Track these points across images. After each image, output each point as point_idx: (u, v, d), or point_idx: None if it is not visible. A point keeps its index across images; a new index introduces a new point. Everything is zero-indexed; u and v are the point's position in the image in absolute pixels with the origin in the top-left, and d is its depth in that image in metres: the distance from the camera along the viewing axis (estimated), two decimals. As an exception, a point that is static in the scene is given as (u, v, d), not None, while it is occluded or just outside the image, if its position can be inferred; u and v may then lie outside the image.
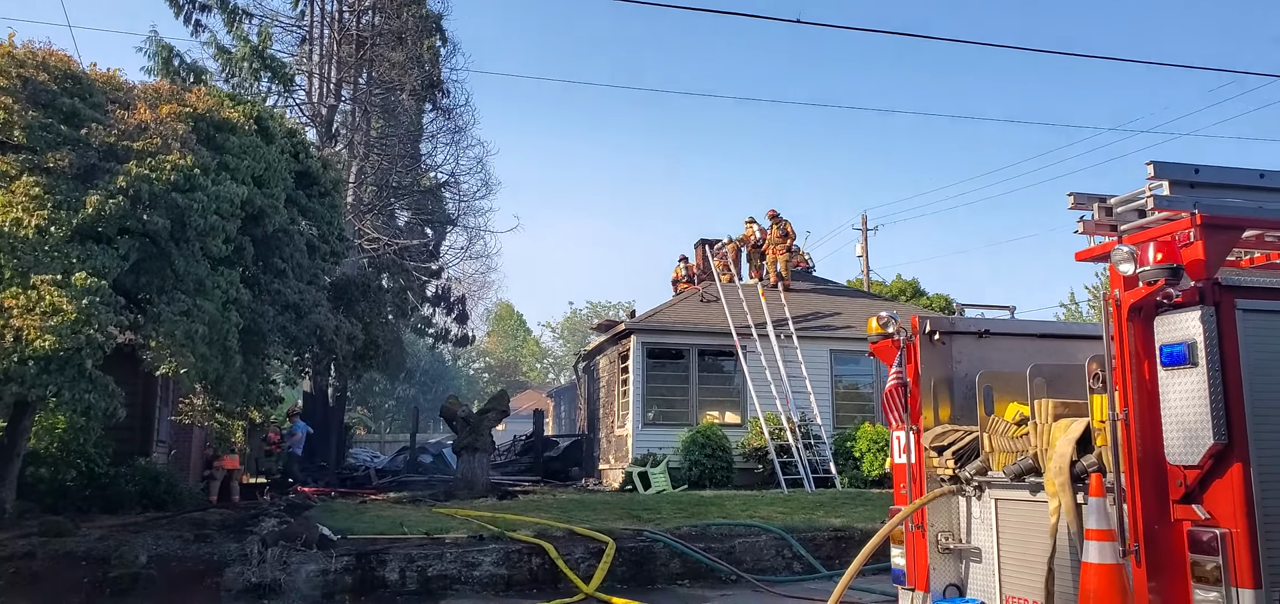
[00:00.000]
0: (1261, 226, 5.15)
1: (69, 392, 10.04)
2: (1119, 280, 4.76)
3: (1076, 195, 5.29)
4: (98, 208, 10.46)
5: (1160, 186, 4.75)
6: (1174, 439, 4.55)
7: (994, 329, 6.93)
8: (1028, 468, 5.61)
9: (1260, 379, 4.45)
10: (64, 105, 11.22)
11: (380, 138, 30.27)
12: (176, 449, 19.08)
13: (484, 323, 60.93)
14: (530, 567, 10.78)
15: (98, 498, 14.38)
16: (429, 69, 30.73)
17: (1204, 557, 4.40)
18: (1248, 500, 4.33)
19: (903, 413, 6.60)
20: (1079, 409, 5.34)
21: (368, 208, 29.23)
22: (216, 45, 28.19)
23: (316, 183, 16.34)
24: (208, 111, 12.82)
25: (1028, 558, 5.63)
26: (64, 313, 9.69)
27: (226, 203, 11.94)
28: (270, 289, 13.77)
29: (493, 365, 78.58)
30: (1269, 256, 5.72)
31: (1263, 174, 5.00)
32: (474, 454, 19.64)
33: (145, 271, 11.51)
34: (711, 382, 22.26)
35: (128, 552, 10.24)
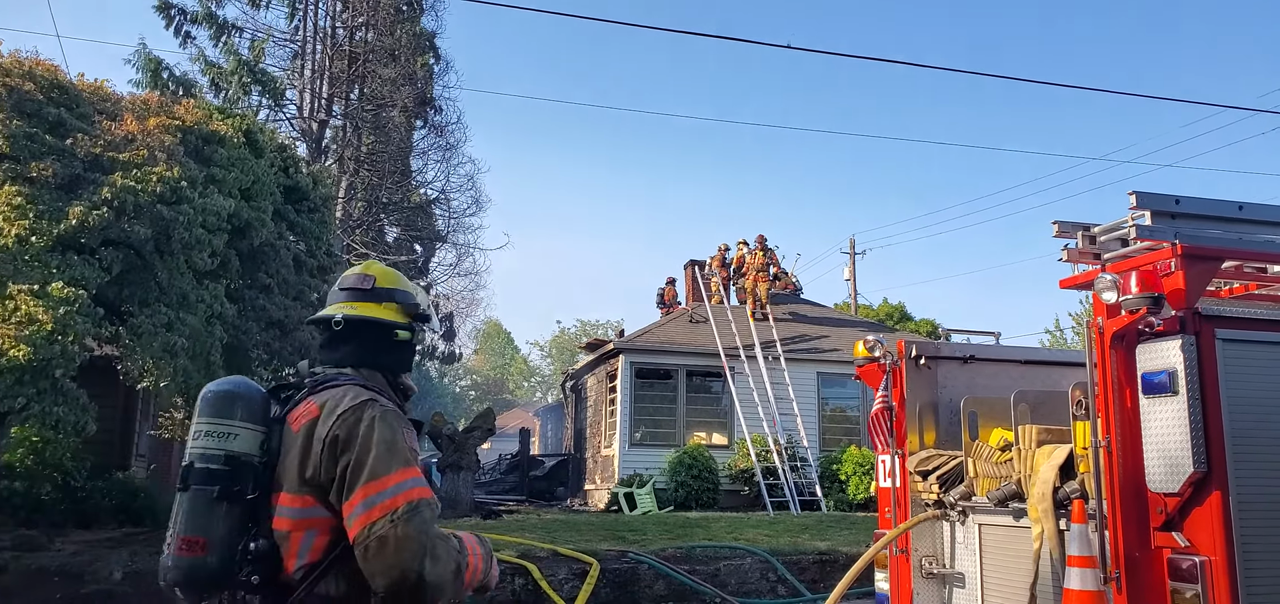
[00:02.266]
0: (1241, 257, 5.19)
1: (38, 404, 9.90)
2: (1102, 308, 4.79)
3: (1061, 223, 5.33)
4: (81, 218, 10.40)
5: (1142, 216, 4.78)
6: (1155, 466, 4.56)
7: (979, 355, 6.95)
8: (1011, 493, 5.61)
9: (1239, 408, 4.47)
10: (50, 115, 11.18)
11: (371, 153, 30.23)
12: (157, 464, 18.86)
13: (472, 340, 60.68)
14: (513, 587, 10.70)
15: (74, 512, 14.04)
16: (422, 86, 30.76)
17: (1183, 584, 4.41)
18: (1227, 528, 4.34)
19: (888, 437, 6.60)
20: (1062, 435, 5.35)
21: (357, 223, 29.17)
22: (205, 59, 28.13)
23: (305, 198, 16.31)
24: (196, 124, 12.80)
25: (1011, 584, 5.63)
26: (40, 323, 9.60)
27: (213, 216, 11.90)
28: (255, 304, 13.70)
29: (479, 383, 78.32)
30: (1248, 287, 5.77)
31: (1242, 206, 5.05)
32: (459, 473, 19.54)
33: (128, 283, 11.44)
34: (699, 403, 22.24)
35: (102, 567, 10.09)
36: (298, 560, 2.24)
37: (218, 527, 2.20)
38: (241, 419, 2.29)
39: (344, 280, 2.66)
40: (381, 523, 2.18)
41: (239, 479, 2.24)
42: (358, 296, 2.61)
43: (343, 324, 2.55)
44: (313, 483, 2.26)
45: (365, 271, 2.67)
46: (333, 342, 2.58)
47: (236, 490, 2.23)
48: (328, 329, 2.58)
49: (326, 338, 2.59)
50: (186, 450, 2.31)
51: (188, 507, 2.23)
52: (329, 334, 2.58)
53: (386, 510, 2.19)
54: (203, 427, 2.29)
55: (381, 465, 2.25)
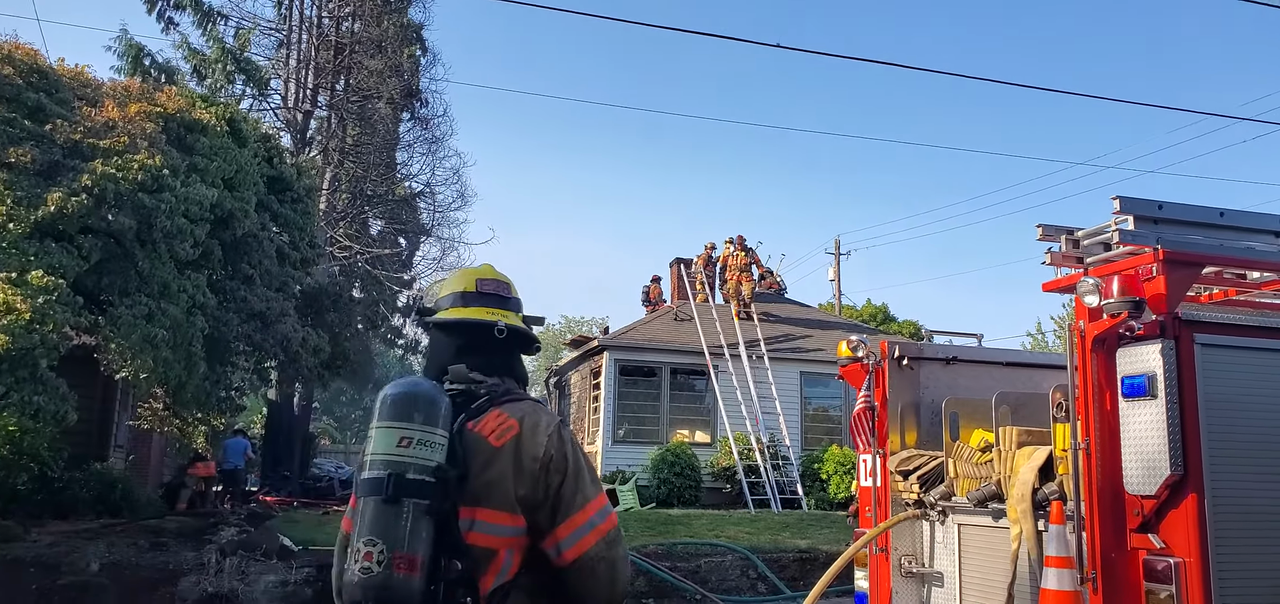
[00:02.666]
0: (1221, 263, 5.25)
1: (18, 393, 9.79)
2: (1083, 311, 4.83)
3: (1045, 227, 5.37)
4: (60, 205, 10.30)
5: (1125, 221, 4.82)
6: (1133, 469, 4.61)
7: (961, 356, 6.99)
8: (991, 494, 5.64)
9: (1216, 412, 4.52)
10: (29, 100, 11.07)
11: (356, 145, 30.08)
12: (135, 455, 18.71)
13: (455, 335, 60.42)
14: (493, 582, 10.68)
15: (50, 503, 13.90)
16: (408, 78, 30.62)
17: (1158, 585, 4.45)
18: (1202, 531, 4.39)
19: (870, 436, 6.63)
20: (1042, 437, 5.39)
21: (341, 215, 29.03)
22: (188, 46, 27.88)
23: (289, 188, 16.22)
24: (178, 112, 12.71)
25: (989, 583, 5.67)
26: (18, 312, 9.49)
27: (195, 205, 11.81)
28: (237, 296, 13.62)
29: (463, 378, 78.11)
30: (1228, 293, 5.82)
31: (1223, 213, 5.11)
32: (441, 467, 19.45)
33: (108, 272, 11.33)
34: (683, 400, 22.26)
35: (79, 559, 10.00)
36: (496, 580, 2.17)
37: (425, 544, 2.07)
38: (442, 427, 2.17)
39: (484, 284, 2.51)
40: (599, 546, 2.23)
41: (447, 493, 2.13)
42: (505, 305, 2.51)
43: (506, 333, 2.44)
44: (525, 502, 2.21)
45: (502, 279, 2.57)
46: (489, 348, 2.44)
47: (443, 505, 2.12)
48: (476, 334, 2.44)
49: (477, 343, 2.43)
50: (378, 456, 2.13)
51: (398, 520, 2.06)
52: (485, 340, 2.44)
53: (601, 535, 2.25)
54: (414, 433, 2.13)
55: (591, 489, 2.29)
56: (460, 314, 2.46)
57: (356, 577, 2.03)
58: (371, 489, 2.10)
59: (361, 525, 2.08)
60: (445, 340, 2.46)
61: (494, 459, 2.21)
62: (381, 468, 2.11)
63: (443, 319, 2.47)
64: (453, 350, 2.43)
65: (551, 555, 2.23)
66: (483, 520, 2.17)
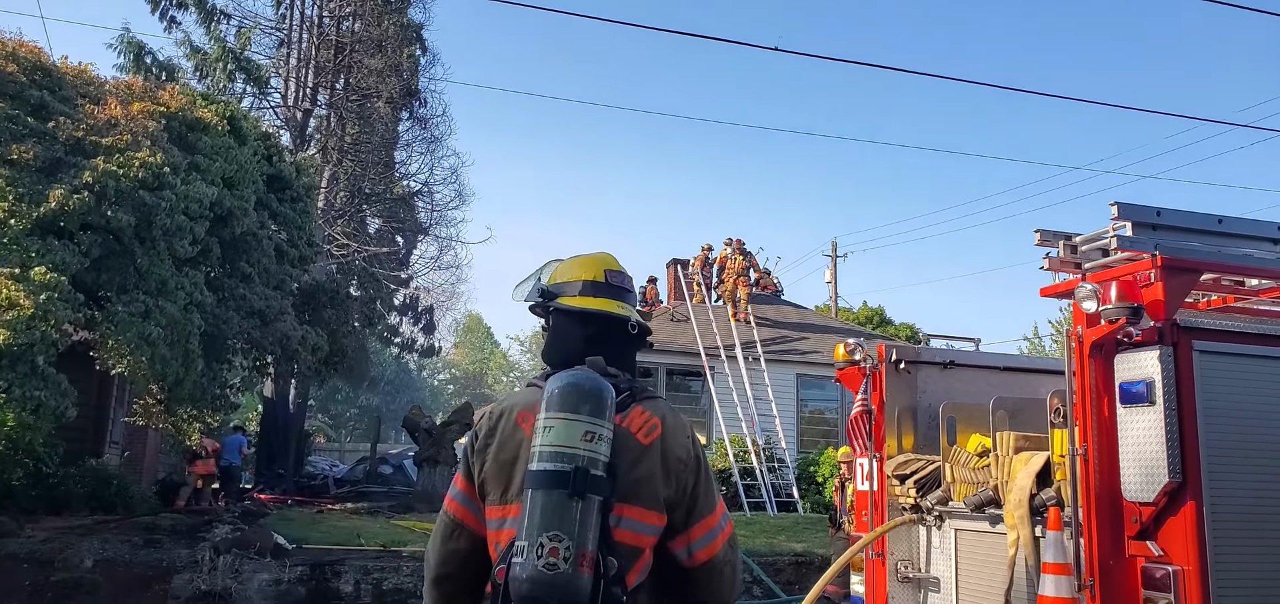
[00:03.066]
0: (1219, 270, 5.25)
1: (20, 388, 9.79)
2: (1081, 317, 4.83)
3: (1043, 232, 5.36)
4: (61, 202, 10.30)
5: (1123, 227, 4.82)
6: (1131, 476, 4.60)
7: (959, 360, 6.99)
8: (988, 499, 5.65)
9: (1215, 419, 4.52)
10: (32, 97, 11.07)
11: (354, 144, 30.05)
12: (130, 451, 18.67)
13: (451, 334, 60.57)
14: (490, 583, 10.68)
15: (45, 498, 13.87)
16: (407, 77, 30.59)
17: (1157, 593, 4.45)
18: (1200, 539, 4.39)
19: (867, 440, 6.63)
20: (1040, 443, 5.39)
21: (339, 213, 28.99)
22: (190, 45, 27.88)
23: (288, 187, 16.21)
24: (180, 110, 12.71)
25: (986, 589, 5.67)
26: (20, 307, 9.49)
27: (195, 203, 11.80)
28: (235, 294, 13.60)
29: (458, 377, 78.06)
30: (1226, 300, 5.83)
31: (1221, 220, 5.10)
32: (435, 467, 19.46)
33: (107, 269, 11.33)
34: (678, 401, 22.24)
35: (73, 555, 9.98)
36: (638, 578, 2.14)
37: (596, 541, 2.01)
38: (609, 421, 2.10)
39: (612, 275, 2.44)
40: (725, 549, 2.26)
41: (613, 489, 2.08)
42: (629, 298, 2.45)
43: (637, 329, 2.39)
44: (667, 502, 2.19)
45: (625, 271, 2.49)
46: (620, 341, 2.37)
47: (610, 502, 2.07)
48: (608, 325, 2.38)
49: (609, 335, 2.37)
50: (560, 448, 2.04)
51: (583, 516, 1.99)
52: (617, 333, 2.38)
53: (726, 537, 2.28)
54: (595, 427, 2.07)
55: (716, 492, 2.32)
56: (594, 305, 2.38)
57: (540, 573, 1.95)
58: (556, 482, 2.01)
59: (541, 518, 1.99)
60: (575, 329, 2.38)
61: (643, 457, 2.17)
62: (565, 461, 2.03)
63: (580, 308, 2.38)
64: (582, 340, 2.35)
65: (681, 556, 2.21)
66: (631, 518, 2.13)
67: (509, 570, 2.00)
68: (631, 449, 2.16)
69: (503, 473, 2.18)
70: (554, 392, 2.11)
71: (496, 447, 2.22)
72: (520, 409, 2.24)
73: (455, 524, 2.28)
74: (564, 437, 2.05)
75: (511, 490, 2.15)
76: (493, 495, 2.20)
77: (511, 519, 2.12)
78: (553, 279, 2.48)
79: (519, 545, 1.99)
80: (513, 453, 2.18)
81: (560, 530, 1.97)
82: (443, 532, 2.30)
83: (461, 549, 2.27)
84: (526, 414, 2.20)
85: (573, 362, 2.28)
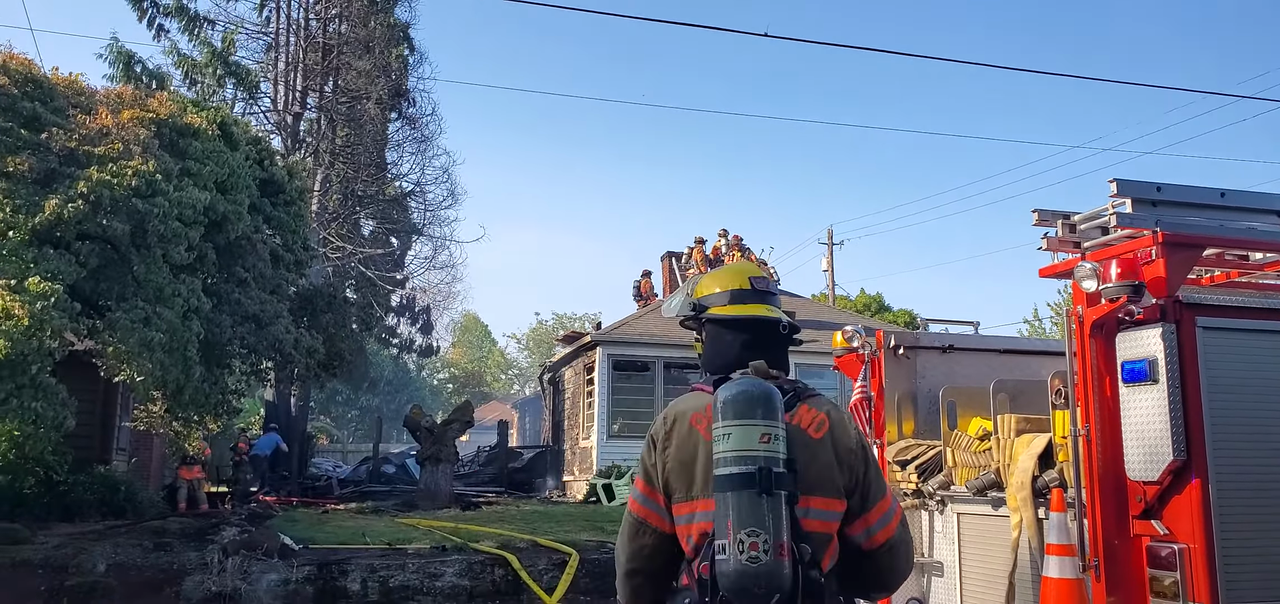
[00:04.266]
0: (1222, 245, 5.21)
1: (17, 399, 9.81)
2: (1081, 297, 4.82)
3: (1041, 212, 5.34)
4: (56, 212, 10.28)
5: (1123, 204, 4.78)
6: (1134, 455, 4.59)
7: (958, 344, 6.99)
8: (990, 483, 5.65)
9: (1219, 396, 4.50)
10: (24, 109, 11.04)
11: (346, 146, 29.96)
12: (137, 457, 18.74)
13: (449, 333, 60.37)
14: (493, 578, 10.69)
15: (56, 506, 14.10)
16: (396, 78, 30.50)
17: (1162, 572, 4.45)
18: (1206, 516, 4.38)
19: (867, 427, 6.63)
20: (1041, 424, 5.39)
21: (333, 216, 28.93)
22: (178, 52, 27.79)
23: (281, 190, 16.17)
24: (170, 117, 12.67)
25: (990, 572, 5.68)
26: (16, 318, 9.48)
27: (188, 209, 11.78)
28: (231, 299, 13.59)
29: (457, 376, 77.99)
30: (1229, 275, 5.80)
31: (1223, 193, 5.06)
32: (437, 465, 19.46)
33: (105, 278, 11.32)
34: (676, 394, 21.95)
35: (86, 560, 10.04)
36: (830, 562, 2.35)
37: (788, 532, 2.21)
38: (780, 421, 2.30)
39: (757, 282, 2.63)
40: (900, 529, 2.48)
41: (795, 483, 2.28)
42: (775, 301, 2.64)
43: (788, 329, 2.59)
44: (845, 489, 2.39)
45: (769, 276, 2.69)
46: (774, 343, 2.58)
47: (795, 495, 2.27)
48: (762, 330, 2.56)
49: (764, 339, 2.56)
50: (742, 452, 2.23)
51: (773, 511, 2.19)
52: (771, 336, 2.57)
53: (899, 518, 2.50)
54: (771, 429, 2.26)
55: (883, 477, 2.54)
56: (746, 311, 2.57)
57: (745, 565, 2.14)
58: (743, 482, 2.20)
59: (737, 517, 2.17)
60: (730, 336, 2.57)
61: (818, 451, 2.37)
62: (749, 463, 2.22)
63: (733, 315, 2.57)
64: (739, 345, 2.55)
65: (860, 539, 2.42)
66: (818, 508, 2.33)
67: (714, 566, 2.20)
68: (806, 445, 2.36)
69: (685, 472, 2.38)
70: (727, 400, 2.29)
71: (675, 449, 2.42)
72: (693, 413, 2.45)
73: (639, 523, 2.46)
74: (743, 441, 2.24)
75: (696, 487, 2.36)
76: (678, 493, 2.39)
77: (701, 514, 2.33)
78: (700, 292, 2.69)
79: (720, 543, 2.20)
80: (691, 453, 2.39)
81: (756, 526, 2.16)
82: (629, 530, 2.48)
83: (647, 544, 2.44)
84: (700, 417, 2.41)
85: (733, 366, 2.49)
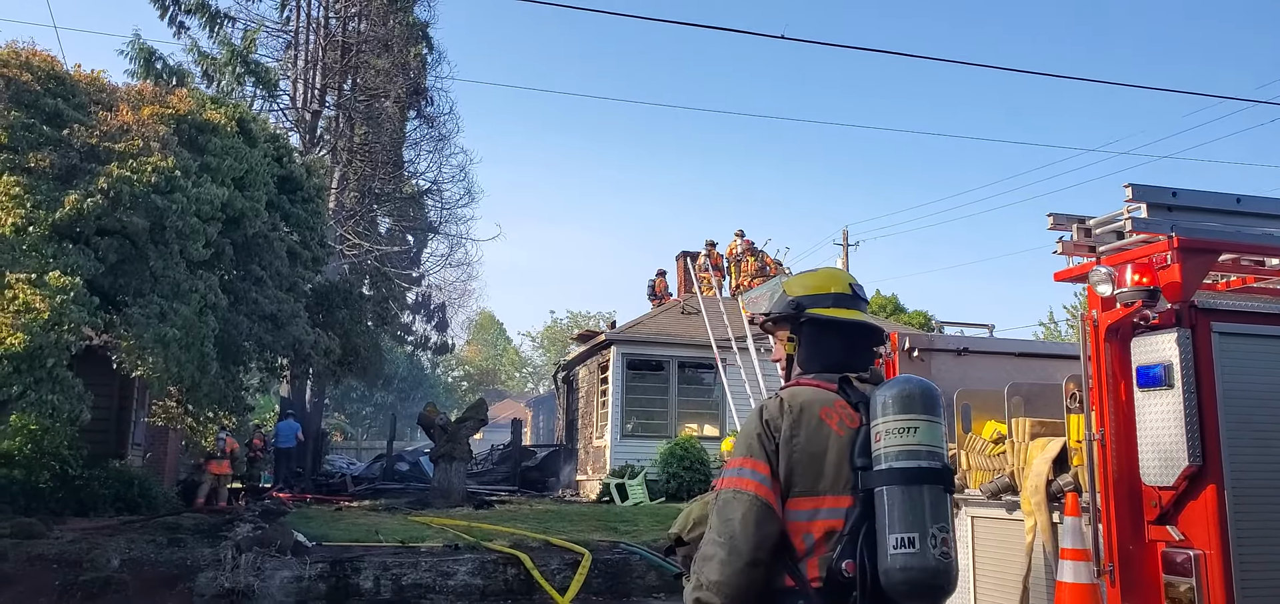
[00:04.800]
0: (1238, 250, 5.17)
1: (35, 392, 9.88)
2: (1097, 301, 4.78)
3: (1056, 216, 5.30)
4: (76, 207, 10.39)
5: (1138, 209, 4.75)
6: (1149, 460, 4.56)
7: (973, 347, 6.95)
8: (1004, 486, 5.62)
9: (1235, 402, 4.45)
10: (47, 106, 11.16)
11: (364, 144, 30.13)
12: (152, 452, 18.86)
13: (464, 331, 60.57)
14: (505, 577, 10.72)
15: (71, 500, 14.17)
16: (414, 76, 30.64)
17: (1178, 578, 4.41)
18: (1222, 522, 4.34)
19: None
20: (1056, 429, 5.35)
21: (350, 214, 29.09)
22: (198, 50, 28.02)
23: (299, 188, 16.27)
24: (190, 114, 12.77)
25: (1003, 577, 5.65)
26: (37, 311, 9.58)
27: (207, 205, 11.86)
28: (248, 297, 13.67)
29: (472, 374, 78.23)
30: (1245, 280, 5.75)
31: (1239, 199, 5.02)
32: (451, 463, 19.53)
33: (123, 273, 11.42)
34: (691, 394, 22.25)
35: (100, 555, 10.09)
36: None
37: None
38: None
39: (857, 289, 2.66)
40: None
41: None
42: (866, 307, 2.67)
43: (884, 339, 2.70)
44: None
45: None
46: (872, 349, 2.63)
47: None
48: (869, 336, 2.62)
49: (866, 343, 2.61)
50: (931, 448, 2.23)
51: (948, 508, 2.22)
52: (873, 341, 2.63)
53: None
54: (942, 428, 2.28)
55: None
56: (853, 315, 2.57)
57: (938, 562, 2.13)
58: (936, 478, 2.19)
59: (931, 513, 2.15)
60: (836, 338, 2.56)
61: None
62: (937, 459, 2.22)
63: (842, 319, 2.56)
64: (843, 347, 2.54)
65: None
66: None
67: (883, 562, 2.13)
68: None
69: (814, 464, 2.30)
70: (908, 394, 2.26)
71: (805, 440, 2.33)
72: (821, 405, 2.38)
73: (767, 509, 2.28)
74: (931, 437, 2.23)
75: (825, 482, 2.29)
76: (801, 486, 2.30)
77: (827, 510, 2.27)
78: (796, 291, 2.65)
79: (902, 538, 2.13)
80: (821, 446, 2.32)
81: (945, 522, 2.17)
82: (756, 516, 2.27)
83: (772, 533, 2.27)
84: (829, 411, 2.36)
85: (841, 367, 2.48)
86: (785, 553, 2.27)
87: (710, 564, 2.28)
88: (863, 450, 2.26)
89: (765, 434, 2.35)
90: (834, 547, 2.21)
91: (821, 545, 2.23)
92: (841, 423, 2.33)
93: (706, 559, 2.30)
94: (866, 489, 2.21)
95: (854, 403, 2.37)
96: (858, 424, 2.32)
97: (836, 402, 2.37)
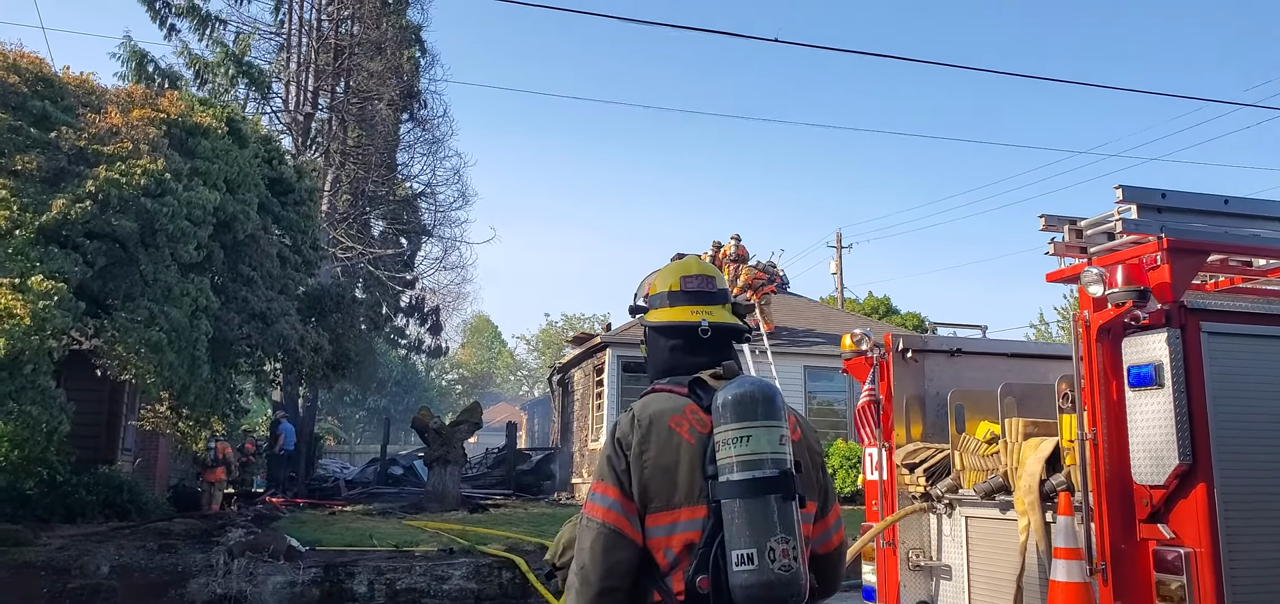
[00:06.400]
0: (1226, 251, 5.22)
1: (15, 402, 9.73)
2: (1088, 302, 4.81)
3: (1048, 217, 5.34)
4: (63, 211, 10.31)
5: (1128, 210, 4.80)
6: (1140, 459, 4.59)
7: (966, 348, 6.98)
8: (998, 486, 5.64)
9: (1224, 401, 4.50)
10: (34, 108, 11.09)
11: (357, 147, 30.07)
12: (143, 457, 18.75)
13: (458, 334, 60.59)
14: (500, 581, 10.70)
15: (59, 507, 13.90)
16: (407, 79, 30.60)
17: (1169, 576, 4.44)
18: (1212, 520, 4.37)
19: (875, 430, 6.62)
20: (1049, 428, 5.37)
21: (343, 217, 29.02)
22: (189, 52, 27.92)
23: (291, 190, 16.22)
24: (180, 116, 12.72)
25: (997, 576, 5.67)
26: (18, 317, 9.44)
27: (197, 208, 11.82)
28: (237, 297, 13.62)
29: (466, 377, 78.13)
30: (1233, 280, 5.80)
31: (1227, 200, 5.07)
32: (445, 467, 19.47)
33: (113, 277, 11.35)
34: (686, 396, 22.22)
35: (89, 562, 10.02)
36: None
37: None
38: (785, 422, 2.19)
39: (719, 280, 2.51)
40: (845, 535, 2.49)
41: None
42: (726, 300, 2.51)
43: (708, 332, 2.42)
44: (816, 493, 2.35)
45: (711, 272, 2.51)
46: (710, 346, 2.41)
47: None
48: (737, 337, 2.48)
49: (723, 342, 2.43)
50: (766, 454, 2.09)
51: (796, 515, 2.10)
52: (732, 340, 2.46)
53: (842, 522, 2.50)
54: (784, 430, 2.16)
55: None
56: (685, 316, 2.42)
57: (778, 575, 2.02)
58: (772, 487, 2.07)
59: (770, 522, 2.04)
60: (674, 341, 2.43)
61: (802, 453, 2.28)
62: (773, 466, 2.09)
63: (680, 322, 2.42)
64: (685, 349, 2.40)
65: (818, 541, 2.36)
66: (808, 511, 2.26)
67: (728, 577, 2.04)
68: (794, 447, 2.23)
69: (667, 478, 2.18)
70: (741, 399, 2.13)
71: (655, 453, 2.20)
72: (671, 415, 2.25)
73: (615, 534, 2.19)
74: (767, 443, 2.10)
75: (679, 495, 2.17)
76: (657, 502, 2.18)
77: (685, 523, 2.14)
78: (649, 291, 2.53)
79: (741, 552, 2.03)
80: (673, 458, 2.19)
81: (786, 532, 2.04)
82: (604, 544, 2.19)
83: (624, 559, 2.18)
84: (679, 419, 2.23)
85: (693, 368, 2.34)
86: (651, 569, 2.18)
87: (570, 595, 2.25)
88: (712, 457, 2.15)
89: (615, 454, 2.25)
90: (693, 559, 2.12)
91: (683, 558, 2.13)
92: (692, 429, 2.21)
93: (569, 590, 2.28)
94: (716, 500, 2.11)
95: (706, 406, 2.23)
96: (708, 429, 2.19)
97: (687, 407, 2.24)
